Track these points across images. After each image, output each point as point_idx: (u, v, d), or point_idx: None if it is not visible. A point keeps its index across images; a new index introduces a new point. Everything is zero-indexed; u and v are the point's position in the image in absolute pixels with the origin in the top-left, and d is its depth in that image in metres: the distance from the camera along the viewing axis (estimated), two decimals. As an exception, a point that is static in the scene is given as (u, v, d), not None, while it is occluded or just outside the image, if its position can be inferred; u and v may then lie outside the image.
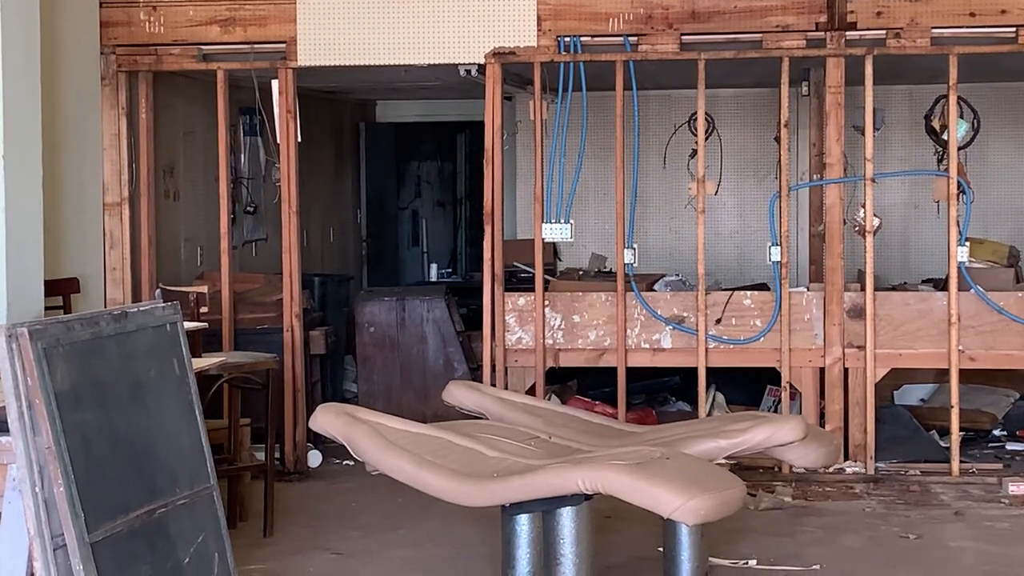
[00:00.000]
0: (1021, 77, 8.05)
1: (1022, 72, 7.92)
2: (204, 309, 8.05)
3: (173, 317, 4.84)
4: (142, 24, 8.04)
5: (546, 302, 8.09)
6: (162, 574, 4.41)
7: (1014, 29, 7.62)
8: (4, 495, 4.10)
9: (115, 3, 8.02)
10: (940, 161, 7.99)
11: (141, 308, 4.77)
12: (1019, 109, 9.44)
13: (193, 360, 4.97)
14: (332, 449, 7.82)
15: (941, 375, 8.07)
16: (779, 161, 8.14)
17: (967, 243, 7.91)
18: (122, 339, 4.51)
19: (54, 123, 7.12)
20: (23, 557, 4.06)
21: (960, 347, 7.76)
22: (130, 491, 4.32)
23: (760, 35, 7.79)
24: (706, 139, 8.19)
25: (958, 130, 7.93)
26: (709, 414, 7.93)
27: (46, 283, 6.76)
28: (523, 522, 5.41)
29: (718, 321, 8.00)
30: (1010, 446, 8.35)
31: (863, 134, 7.84)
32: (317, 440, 7.87)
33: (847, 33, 7.70)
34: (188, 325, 5.38)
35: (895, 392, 8.70)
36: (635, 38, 7.83)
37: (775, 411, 8.11)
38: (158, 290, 8.09)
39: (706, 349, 7.96)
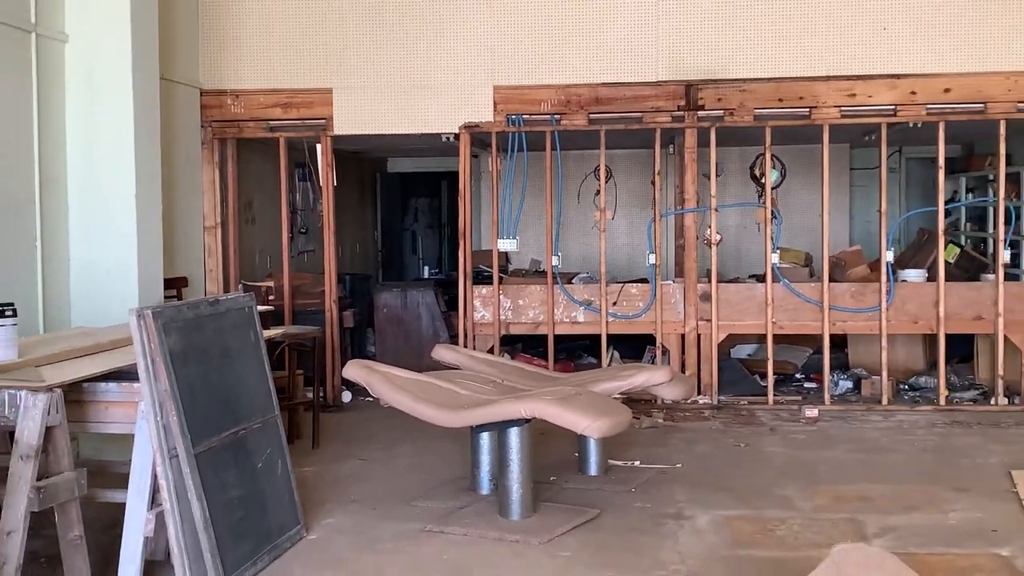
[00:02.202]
0: (813, 141, 8.11)
1: (813, 138, 7.98)
2: (271, 297, 8.05)
3: (250, 302, 4.84)
4: (229, 106, 7.99)
5: (500, 291, 8.09)
6: (243, 475, 4.41)
7: (808, 109, 7.68)
8: (136, 422, 4.08)
9: (211, 92, 7.96)
10: (760, 196, 8.02)
11: (229, 296, 4.76)
12: (812, 162, 9.50)
13: (263, 331, 4.96)
14: (358, 390, 7.79)
15: (761, 338, 8.13)
16: (654, 197, 8.17)
17: (778, 251, 7.96)
18: (216, 318, 4.51)
19: (171, 174, 7.09)
20: (149, 464, 4.05)
21: (773, 320, 7.82)
22: (221, 419, 4.32)
23: (641, 114, 7.81)
24: (606, 183, 8.22)
25: (772, 176, 7.98)
26: (608, 365, 7.96)
27: (165, 280, 6.74)
28: (485, 438, 5.47)
29: (614, 303, 8.03)
30: (806, 385, 8.40)
31: (709, 179, 7.88)
32: (348, 384, 7.84)
33: (698, 112, 7.74)
34: (260, 308, 5.36)
35: (731, 350, 8.75)
36: (559, 116, 7.83)
37: (652, 363, 8.15)
38: (240, 285, 8.08)
39: (606, 322, 7.98)
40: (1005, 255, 7.86)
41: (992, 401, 7.70)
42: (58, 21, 6.10)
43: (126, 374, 4.23)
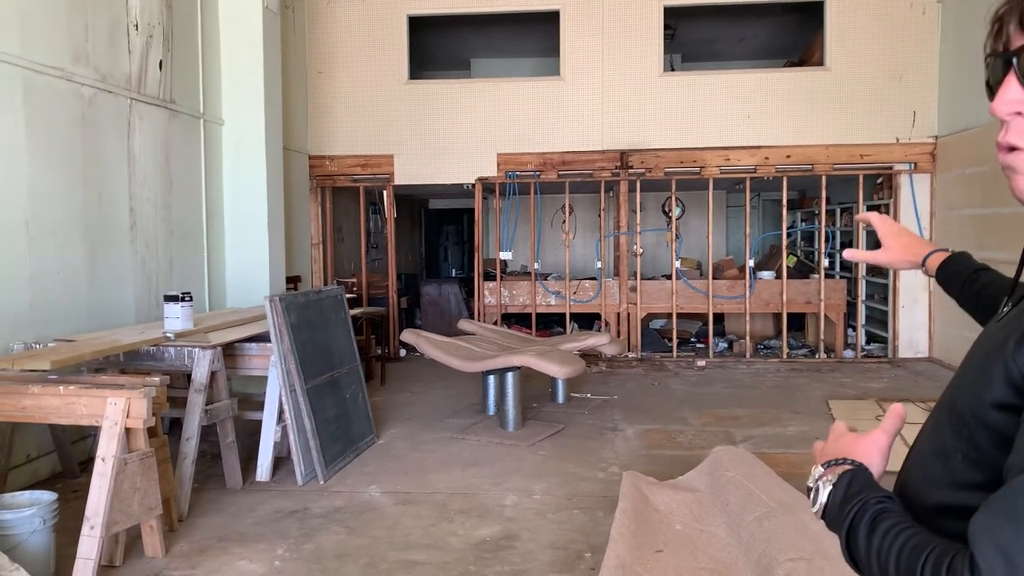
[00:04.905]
0: (702, 189, 8.16)
1: (702, 187, 8.03)
2: (355, 288, 8.05)
3: (341, 292, 4.86)
4: (327, 166, 8.00)
5: (501, 285, 8.11)
6: (337, 403, 4.44)
7: (699, 168, 7.72)
8: (269, 369, 4.11)
9: (315, 156, 7.97)
10: (669, 224, 8.06)
11: (327, 288, 4.79)
12: (702, 202, 9.56)
13: (349, 310, 4.99)
14: (410, 348, 7.83)
15: (668, 315, 8.17)
16: (600, 225, 8.20)
17: (680, 259, 8.00)
18: (319, 301, 4.53)
19: (289, 209, 7.11)
20: (276, 395, 4.08)
21: (676, 303, 7.86)
22: (322, 366, 4.35)
23: (592, 171, 7.83)
24: (569, 215, 8.24)
25: (676, 211, 8.03)
26: (570, 332, 8.00)
27: (286, 277, 6.76)
28: (492, 379, 5.50)
29: (574, 293, 8.05)
30: (698, 345, 8.44)
31: (635, 213, 7.92)
32: (403, 344, 7.88)
33: (628, 170, 7.77)
34: (347, 295, 5.39)
35: (649, 323, 8.80)
36: (539, 172, 7.85)
37: (598, 331, 8.19)
38: (335, 280, 8.10)
39: (569, 305, 8.01)
40: (824, 262, 7.92)
41: (816, 356, 7.76)
42: (217, 110, 6.13)
43: (262, 337, 4.27)
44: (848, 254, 1.42)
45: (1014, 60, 0.80)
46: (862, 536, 0.81)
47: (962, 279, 1.27)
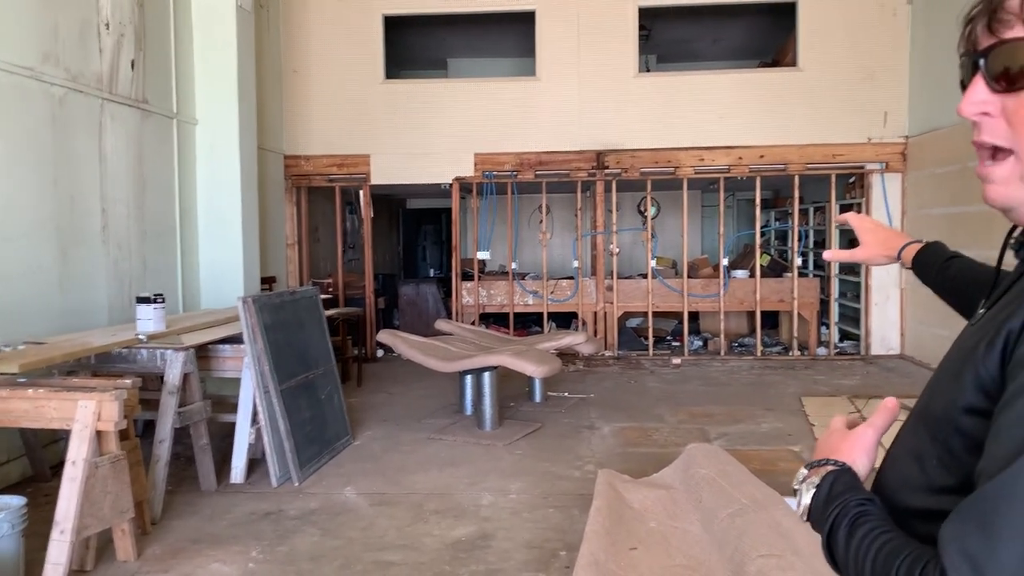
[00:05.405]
0: (677, 188, 8.21)
1: (677, 186, 8.08)
2: (331, 289, 8.01)
3: (316, 292, 4.84)
4: (302, 166, 7.95)
5: (479, 285, 8.11)
6: (312, 404, 4.42)
7: (674, 169, 7.77)
8: (243, 370, 4.08)
9: (291, 156, 7.91)
10: (644, 223, 8.10)
11: (302, 288, 4.76)
12: (677, 202, 9.62)
13: (325, 311, 4.96)
14: (387, 349, 7.78)
15: (645, 314, 8.22)
16: (577, 224, 8.22)
17: (655, 258, 8.05)
18: (294, 302, 4.51)
19: (264, 209, 7.05)
20: (251, 397, 4.05)
21: (652, 302, 7.91)
22: (297, 367, 4.33)
23: (568, 171, 7.85)
24: (546, 215, 8.27)
25: (651, 211, 8.07)
26: (547, 332, 8.02)
27: (260, 278, 6.70)
28: (468, 379, 5.50)
29: (552, 292, 8.08)
30: (673, 343, 8.49)
31: (611, 213, 7.96)
32: (380, 345, 7.84)
33: (605, 170, 7.80)
34: (323, 296, 5.35)
35: (626, 321, 8.84)
36: (516, 172, 7.86)
37: (575, 330, 8.21)
38: (310, 281, 8.05)
39: (547, 304, 8.03)
40: (798, 261, 8.01)
41: (790, 353, 7.85)
42: (191, 110, 6.07)
43: (236, 338, 4.24)
44: (827, 255, 1.44)
45: (981, 61, 0.81)
46: (841, 538, 0.82)
47: (935, 269, 1.30)
